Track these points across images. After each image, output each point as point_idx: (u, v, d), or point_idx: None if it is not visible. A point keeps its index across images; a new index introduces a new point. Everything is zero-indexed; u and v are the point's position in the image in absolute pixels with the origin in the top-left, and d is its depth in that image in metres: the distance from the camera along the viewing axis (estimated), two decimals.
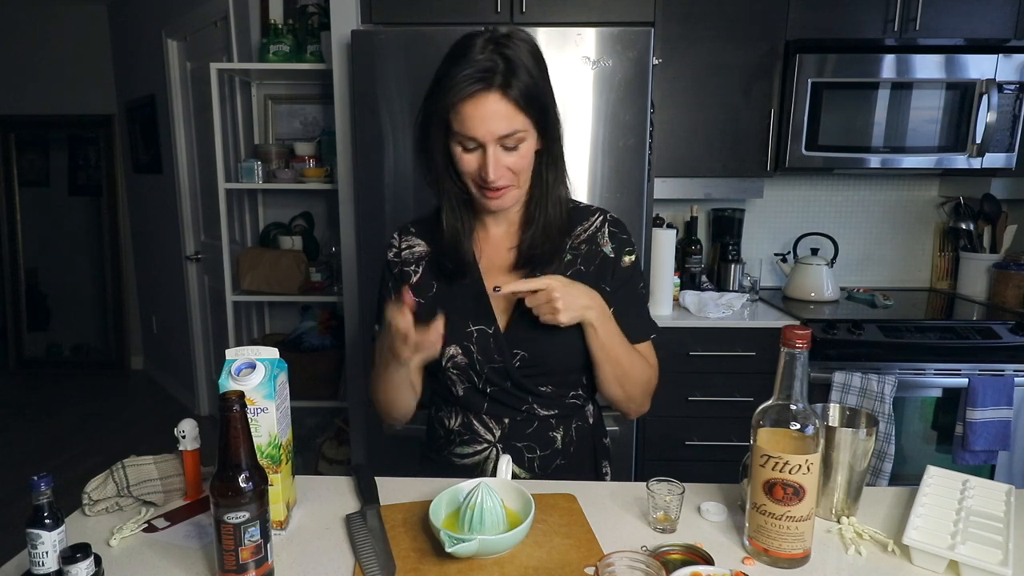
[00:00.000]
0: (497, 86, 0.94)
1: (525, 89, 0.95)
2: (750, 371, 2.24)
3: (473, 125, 0.96)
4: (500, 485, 0.93)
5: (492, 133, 0.96)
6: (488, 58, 0.94)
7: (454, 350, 1.09)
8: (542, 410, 1.12)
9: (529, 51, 0.97)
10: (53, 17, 4.29)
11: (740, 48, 2.30)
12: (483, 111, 0.95)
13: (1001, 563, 0.81)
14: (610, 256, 1.12)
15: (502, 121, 0.96)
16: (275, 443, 0.91)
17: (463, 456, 1.15)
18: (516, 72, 0.94)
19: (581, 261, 1.11)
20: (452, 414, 1.16)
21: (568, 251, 1.11)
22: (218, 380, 0.90)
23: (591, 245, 1.12)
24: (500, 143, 0.97)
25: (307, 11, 2.71)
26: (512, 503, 0.92)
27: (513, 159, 0.99)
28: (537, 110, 0.98)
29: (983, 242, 2.59)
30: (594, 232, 1.13)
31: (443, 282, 1.12)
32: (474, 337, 1.08)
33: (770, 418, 0.86)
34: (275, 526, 0.91)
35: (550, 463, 1.14)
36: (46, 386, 4.36)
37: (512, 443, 1.13)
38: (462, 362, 1.09)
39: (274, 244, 2.85)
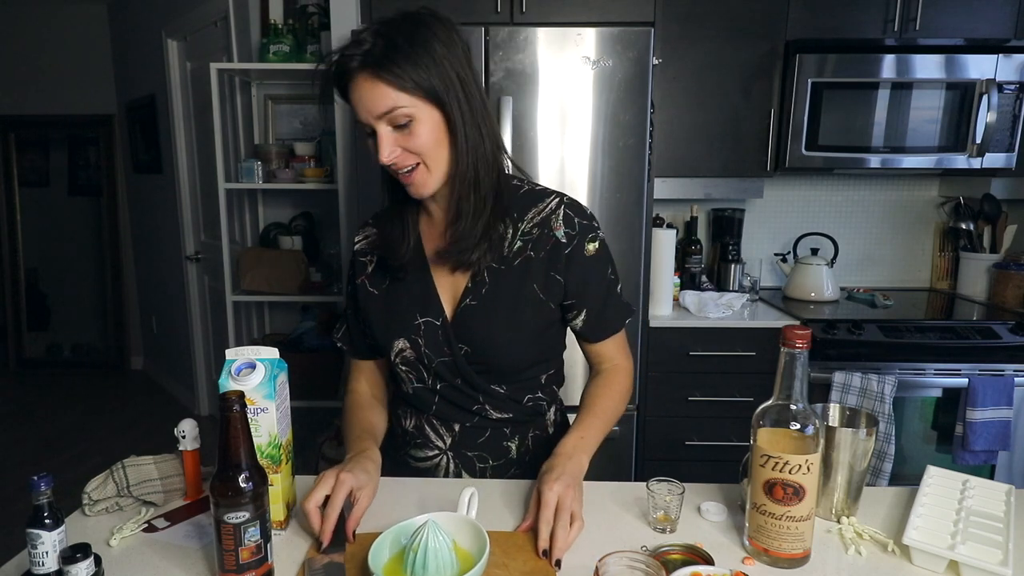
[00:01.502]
0: (369, 65, 0.90)
1: (401, 68, 0.89)
2: (750, 371, 2.24)
3: (355, 106, 0.94)
4: (454, 522, 0.83)
5: (371, 112, 0.92)
6: (368, 38, 0.91)
7: (402, 343, 1.06)
8: (495, 412, 1.09)
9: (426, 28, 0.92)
10: (53, 17, 4.29)
11: (740, 48, 2.30)
12: (359, 92, 0.92)
13: (1001, 563, 0.81)
14: (562, 241, 1.03)
15: (377, 100, 0.91)
16: (275, 443, 0.91)
17: (417, 459, 1.14)
18: (391, 52, 0.90)
19: (532, 247, 1.04)
20: (408, 413, 1.15)
21: (518, 237, 1.04)
22: (218, 380, 0.90)
23: (543, 229, 1.04)
24: (387, 122, 0.93)
25: (307, 11, 2.71)
26: (467, 542, 0.82)
27: (407, 139, 0.94)
28: (422, 88, 0.91)
29: (983, 242, 2.59)
30: (548, 215, 1.04)
31: (392, 274, 1.09)
32: (421, 329, 1.05)
33: (770, 418, 0.86)
34: (275, 526, 0.91)
35: (503, 473, 1.12)
36: (46, 386, 4.36)
37: (463, 451, 1.11)
38: (410, 356, 1.06)
39: (274, 244, 2.85)
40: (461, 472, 1.12)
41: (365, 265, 1.13)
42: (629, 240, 2.10)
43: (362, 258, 1.14)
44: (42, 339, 4.66)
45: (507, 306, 1.03)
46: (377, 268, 1.12)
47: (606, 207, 2.08)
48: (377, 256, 1.12)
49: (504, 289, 1.04)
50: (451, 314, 1.06)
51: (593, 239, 1.06)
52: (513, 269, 1.04)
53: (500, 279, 1.04)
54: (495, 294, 1.03)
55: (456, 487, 0.88)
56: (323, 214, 2.96)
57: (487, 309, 1.03)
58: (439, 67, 0.92)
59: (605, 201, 2.07)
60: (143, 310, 4.57)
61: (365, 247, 1.14)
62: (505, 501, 1.01)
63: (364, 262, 1.13)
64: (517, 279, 1.04)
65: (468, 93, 0.95)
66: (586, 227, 1.05)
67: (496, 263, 1.04)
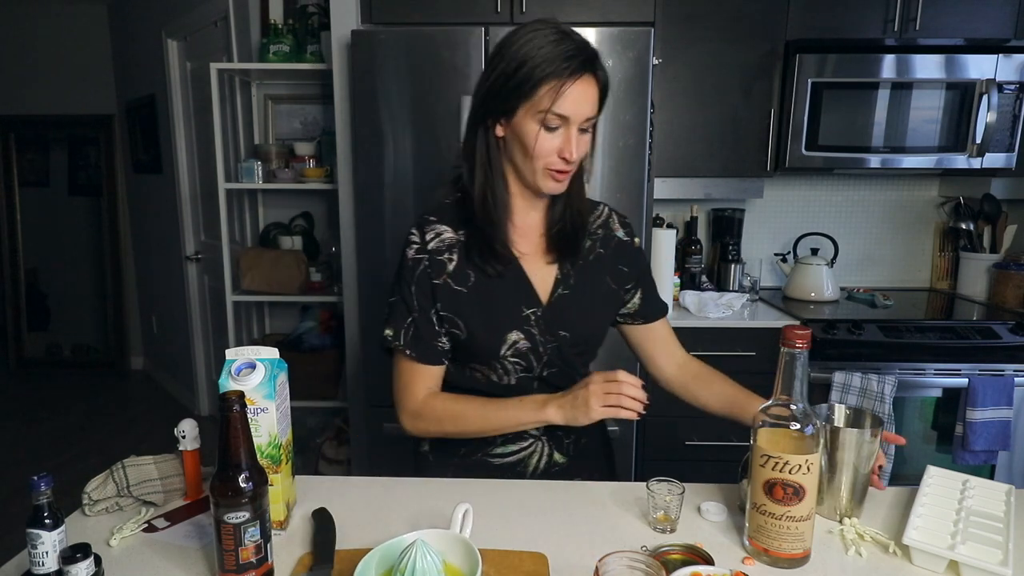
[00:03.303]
0: (593, 70, 1.00)
1: (607, 78, 1.02)
2: (750, 371, 2.24)
3: (570, 104, 0.98)
4: (445, 540, 0.80)
5: (583, 114, 1.00)
6: (581, 43, 0.99)
7: (516, 335, 1.10)
8: None
9: None
10: (53, 17, 4.29)
11: (740, 48, 2.30)
12: (582, 92, 0.99)
13: (1001, 563, 0.81)
14: (624, 240, 1.21)
15: (591, 104, 1.01)
16: (275, 443, 0.91)
17: (505, 455, 1.16)
18: (600, 60, 1.01)
19: (600, 245, 1.18)
20: None
21: (588, 237, 1.17)
22: (218, 380, 0.90)
23: (606, 230, 1.20)
24: (581, 125, 1.02)
25: (307, 11, 2.71)
26: (459, 560, 0.79)
27: (584, 143, 1.04)
28: (604, 100, 1.04)
29: (983, 242, 2.59)
30: (607, 219, 1.21)
31: (479, 270, 1.10)
32: (532, 319, 1.11)
33: (770, 418, 0.86)
34: (275, 526, 0.91)
35: (579, 443, 1.19)
36: (46, 386, 4.36)
37: (555, 432, 1.16)
38: (524, 347, 1.10)
39: (274, 244, 2.85)
40: (553, 452, 1.17)
41: (445, 264, 1.10)
42: None
43: (439, 257, 1.10)
44: (42, 339, 4.65)
45: (592, 294, 1.16)
46: (459, 266, 1.10)
47: None
48: (458, 255, 1.10)
49: (587, 280, 1.16)
50: (546, 303, 1.12)
51: (636, 236, 1.25)
52: (589, 264, 1.17)
53: (582, 272, 1.15)
54: (581, 284, 1.15)
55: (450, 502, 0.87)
56: (323, 214, 2.96)
57: (578, 297, 1.14)
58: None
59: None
60: (143, 310, 4.57)
61: (441, 246, 1.10)
62: (501, 518, 0.99)
63: (443, 261, 1.10)
64: (595, 272, 1.17)
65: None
66: (631, 227, 1.25)
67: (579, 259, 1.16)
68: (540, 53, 0.97)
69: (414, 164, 2.10)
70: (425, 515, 0.99)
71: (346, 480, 1.11)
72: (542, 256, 1.14)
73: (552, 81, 0.97)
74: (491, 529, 0.95)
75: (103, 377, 4.53)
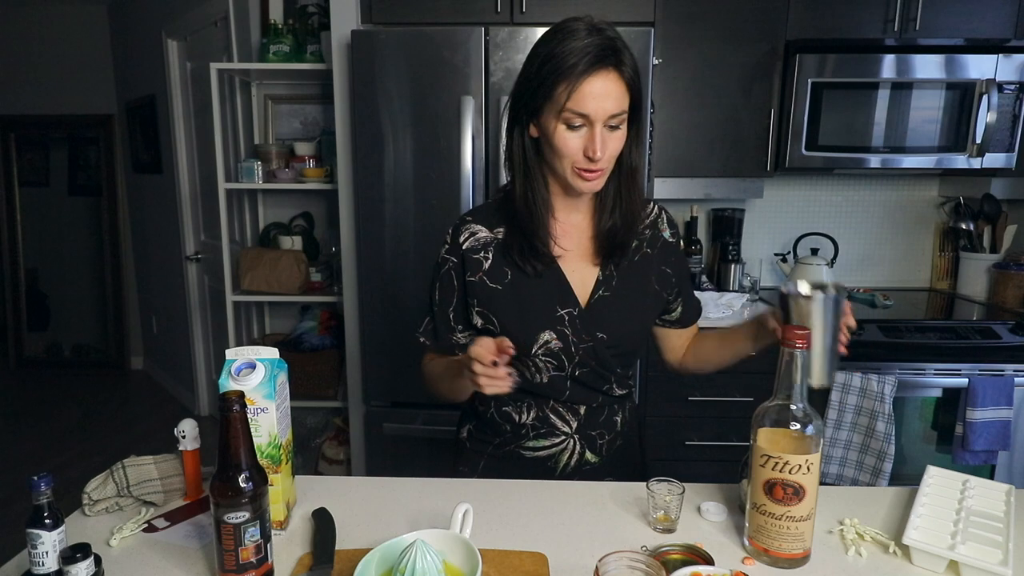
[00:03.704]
0: (614, 65, 0.97)
1: (633, 71, 0.99)
2: (750, 371, 2.23)
3: (587, 102, 0.96)
4: (445, 540, 0.80)
5: (604, 111, 0.97)
6: (604, 38, 0.97)
7: (548, 335, 1.10)
8: (618, 389, 1.18)
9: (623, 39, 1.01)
10: (53, 17, 4.29)
11: (740, 48, 2.30)
12: (601, 88, 0.96)
13: (1001, 563, 0.81)
14: (670, 241, 1.19)
15: (614, 100, 0.98)
16: (275, 443, 0.91)
17: (537, 449, 1.17)
18: (625, 54, 0.98)
19: (647, 245, 1.17)
20: (523, 408, 1.16)
21: (635, 237, 1.15)
22: (218, 380, 0.90)
23: (653, 230, 1.18)
24: (606, 123, 0.99)
25: (307, 11, 2.71)
26: (459, 560, 0.79)
27: (613, 140, 1.01)
28: (637, 94, 1.01)
29: (983, 242, 2.59)
30: (655, 219, 1.19)
31: (517, 268, 1.11)
32: (565, 320, 1.10)
33: (770, 418, 0.86)
34: (275, 526, 0.91)
35: (614, 445, 1.20)
36: (46, 386, 4.36)
37: (588, 431, 1.17)
38: (556, 347, 1.10)
39: (274, 244, 2.85)
40: (585, 451, 1.17)
41: (480, 262, 1.12)
42: None
43: (475, 255, 1.12)
44: (42, 339, 4.65)
45: (635, 296, 1.14)
46: (495, 264, 1.12)
47: None
48: (493, 253, 1.12)
49: (631, 281, 1.14)
50: (585, 304, 1.12)
51: (680, 240, 1.22)
52: (634, 264, 1.15)
53: (626, 273, 1.14)
54: (624, 286, 1.13)
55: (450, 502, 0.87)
56: (323, 214, 2.96)
57: (620, 299, 1.12)
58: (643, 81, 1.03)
59: None
60: (143, 310, 4.57)
61: (476, 245, 1.13)
62: (501, 518, 0.99)
63: (478, 259, 1.12)
64: (639, 273, 1.15)
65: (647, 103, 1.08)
66: (677, 229, 1.22)
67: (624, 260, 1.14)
68: (558, 51, 0.97)
69: (414, 164, 2.10)
70: (425, 515, 0.99)
71: (346, 480, 1.11)
72: (586, 257, 1.13)
73: (566, 78, 0.96)
74: (491, 529, 0.95)
75: (103, 377, 4.53)
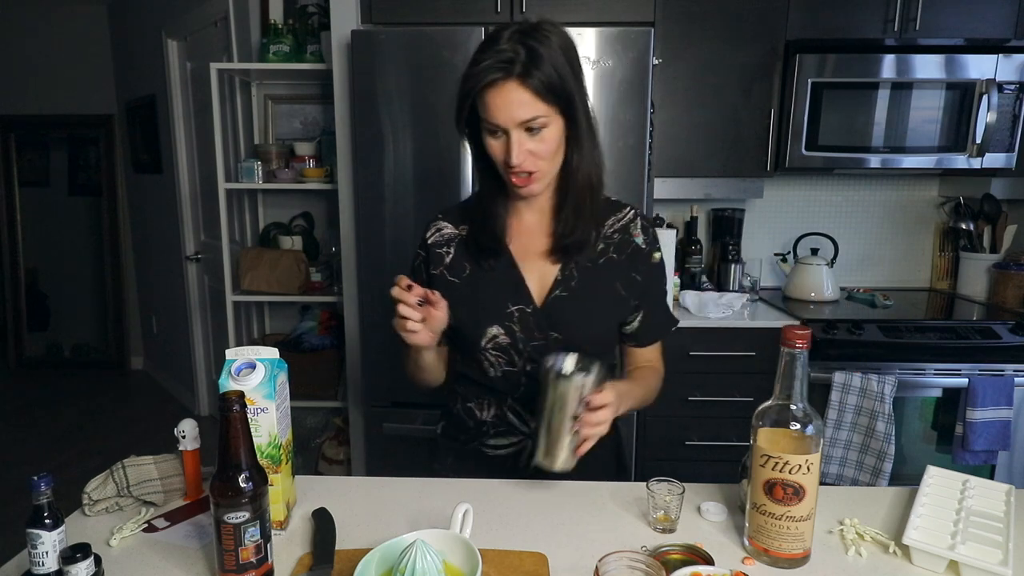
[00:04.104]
0: (516, 75, 0.97)
1: (546, 78, 0.98)
2: (750, 371, 2.24)
3: (495, 112, 1.00)
4: (445, 540, 0.80)
5: (513, 119, 0.99)
6: (511, 48, 0.98)
7: (496, 330, 1.12)
8: None
9: (556, 41, 1.00)
10: (53, 17, 4.29)
11: (740, 48, 2.30)
12: (503, 99, 0.98)
13: (1001, 563, 0.81)
14: (641, 247, 1.16)
15: (522, 108, 0.99)
16: (275, 443, 0.91)
17: (496, 448, 1.18)
18: (537, 61, 0.97)
19: (613, 250, 1.15)
20: (484, 405, 1.18)
21: (601, 240, 1.15)
22: (218, 380, 0.90)
23: (623, 235, 1.16)
24: (523, 128, 1.00)
25: (307, 11, 2.71)
26: (459, 560, 0.79)
27: (536, 144, 1.02)
28: (560, 97, 1.00)
29: (983, 242, 2.59)
30: (627, 223, 1.17)
31: (476, 264, 1.15)
32: (515, 316, 1.12)
33: (770, 418, 0.86)
34: (275, 526, 0.91)
35: None
36: (46, 386, 4.36)
37: None
38: (504, 342, 1.12)
39: (274, 244, 2.85)
40: None
41: (442, 257, 1.17)
42: None
43: (438, 250, 1.17)
44: (42, 339, 4.65)
45: (594, 298, 1.13)
46: (456, 259, 1.16)
47: None
48: (455, 249, 1.17)
49: (592, 284, 1.13)
50: (540, 303, 1.13)
51: (658, 250, 1.18)
52: (599, 267, 1.14)
53: (588, 275, 1.13)
54: (584, 287, 1.13)
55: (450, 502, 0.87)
56: (323, 214, 2.96)
57: (577, 300, 1.12)
58: (574, 79, 1.02)
59: None
60: (143, 310, 4.57)
61: (440, 240, 1.18)
62: (501, 518, 0.99)
63: (441, 254, 1.17)
64: (603, 276, 1.14)
65: (586, 103, 1.05)
66: (655, 238, 1.19)
67: (586, 261, 1.14)
68: (470, 66, 1.00)
69: (414, 164, 2.10)
70: (425, 515, 0.99)
71: (346, 480, 1.11)
72: (544, 256, 1.14)
73: (473, 93, 1.00)
74: (491, 529, 0.95)
75: (103, 377, 4.53)
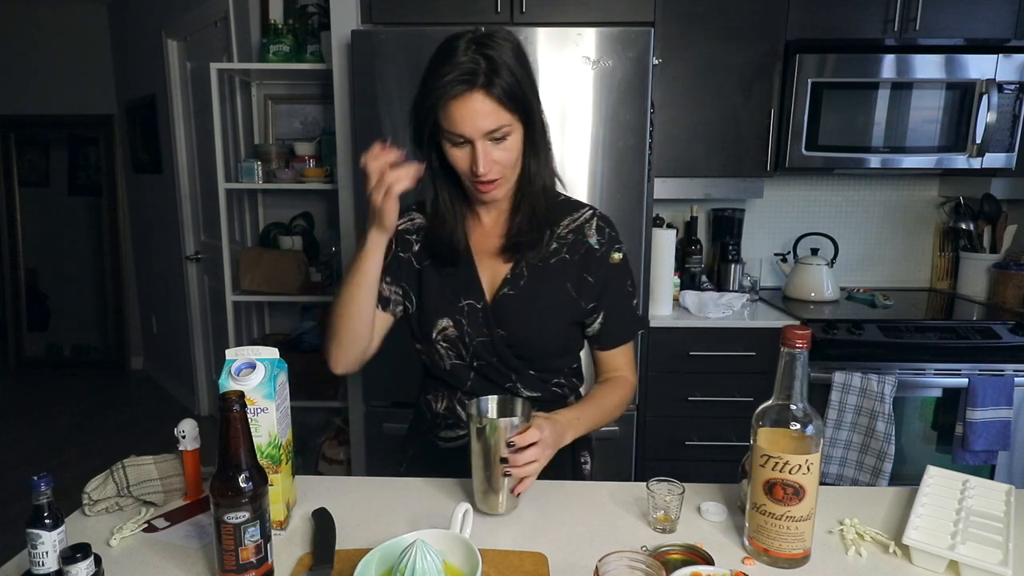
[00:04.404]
0: (480, 86, 0.97)
1: (508, 87, 0.99)
2: (750, 371, 2.24)
3: (460, 123, 0.99)
4: (445, 540, 0.80)
5: (479, 130, 1.00)
6: (471, 59, 0.97)
7: (446, 322, 1.14)
8: (525, 390, 1.15)
9: (511, 49, 1.00)
10: (53, 17, 4.29)
11: (740, 48, 2.30)
12: (469, 110, 0.98)
13: (1001, 563, 0.81)
14: (595, 247, 1.14)
15: (487, 118, 0.99)
16: (275, 443, 0.91)
17: (448, 440, 1.20)
18: (498, 71, 0.98)
19: (567, 250, 1.14)
20: (439, 397, 1.20)
21: (555, 239, 1.14)
22: (218, 380, 0.90)
23: (577, 235, 1.15)
24: (488, 137, 1.01)
25: (307, 11, 2.71)
26: (459, 561, 0.79)
27: (500, 152, 1.03)
28: (520, 106, 1.01)
29: (983, 242, 2.59)
30: (582, 223, 1.16)
31: (435, 257, 1.17)
32: (465, 311, 1.13)
33: (770, 418, 0.86)
34: (275, 526, 0.91)
35: None
36: (46, 386, 4.36)
37: None
38: (452, 334, 1.14)
39: (274, 244, 2.85)
40: None
41: (410, 243, 1.18)
42: (629, 240, 2.09)
43: (408, 236, 1.18)
44: (42, 339, 4.65)
45: (543, 299, 1.13)
46: (421, 249, 1.18)
47: (606, 207, 2.07)
48: (421, 239, 1.18)
49: (541, 284, 1.13)
50: (490, 299, 1.14)
51: (619, 250, 1.16)
52: (550, 267, 1.13)
53: (538, 275, 1.13)
54: (533, 287, 1.13)
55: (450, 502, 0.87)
56: (323, 214, 2.96)
57: (525, 299, 1.12)
58: (532, 88, 1.03)
59: (605, 201, 2.07)
60: (143, 310, 4.57)
61: (411, 227, 1.19)
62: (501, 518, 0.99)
63: (409, 240, 1.18)
64: (553, 277, 1.13)
65: (541, 110, 1.06)
66: (614, 238, 1.16)
67: (537, 261, 1.13)
68: (429, 77, 1.00)
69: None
70: (425, 515, 0.99)
71: (346, 480, 1.11)
72: (499, 254, 1.15)
73: (437, 105, 1.00)
74: (491, 529, 0.95)
75: (103, 377, 4.53)
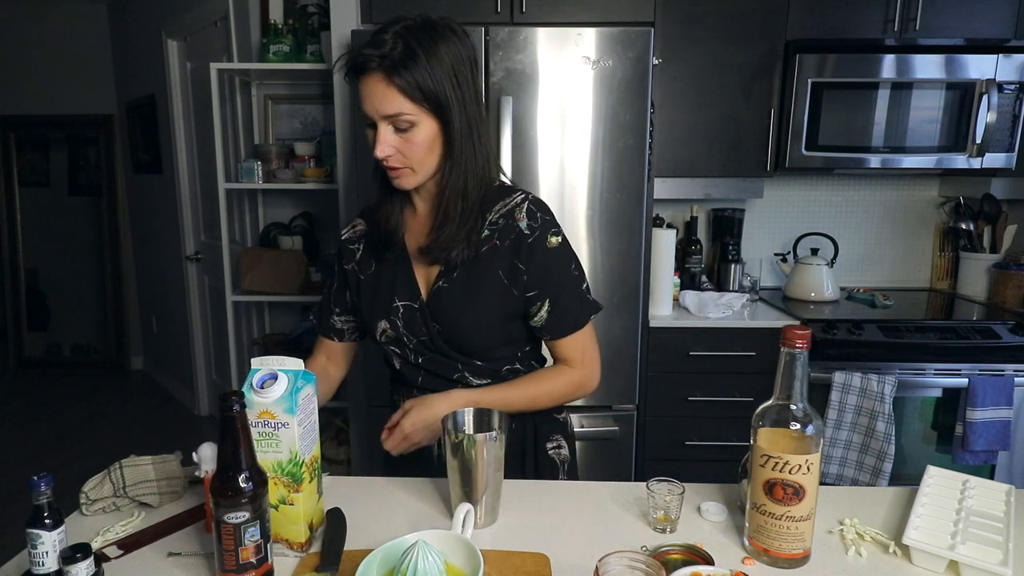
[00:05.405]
0: (382, 68, 0.97)
1: (415, 79, 0.97)
2: (750, 371, 2.24)
3: (363, 100, 1.01)
4: (447, 540, 0.79)
5: (377, 111, 1.00)
6: (391, 41, 0.97)
7: (384, 324, 1.15)
8: (475, 379, 1.14)
9: (445, 46, 0.99)
10: (53, 17, 4.29)
11: (740, 48, 2.30)
12: (369, 89, 0.99)
13: (1001, 563, 0.81)
14: (525, 233, 1.09)
15: (384, 102, 0.99)
16: (296, 460, 0.86)
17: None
18: (411, 61, 0.97)
19: (497, 235, 1.10)
20: (402, 395, 1.19)
21: (486, 227, 1.10)
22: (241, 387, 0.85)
23: (508, 220, 1.10)
24: (390, 123, 1.01)
25: (307, 11, 2.71)
26: (460, 561, 0.78)
27: (403, 142, 1.02)
28: (431, 101, 0.99)
29: (983, 242, 2.59)
30: (512, 208, 1.11)
31: (378, 260, 1.18)
32: (400, 312, 1.14)
33: (770, 418, 0.86)
34: (296, 547, 0.88)
35: None
36: (46, 386, 4.36)
37: None
38: (392, 336, 1.15)
39: (274, 244, 2.84)
40: None
41: (353, 253, 1.21)
42: (629, 240, 2.09)
43: (351, 246, 1.21)
44: (42, 339, 4.65)
45: (475, 290, 1.10)
46: (364, 256, 1.20)
47: (606, 207, 2.08)
48: (364, 245, 1.20)
49: (473, 274, 1.10)
50: (426, 296, 1.13)
51: (556, 234, 1.11)
52: (481, 256, 1.10)
53: (469, 265, 1.10)
54: (465, 278, 1.10)
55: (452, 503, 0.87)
56: (323, 214, 2.96)
57: (456, 291, 1.10)
58: (448, 81, 1.00)
59: (605, 201, 2.07)
60: (143, 310, 4.57)
61: (353, 236, 1.22)
62: (502, 518, 0.99)
63: (352, 250, 1.21)
64: (484, 266, 1.10)
65: (468, 109, 1.03)
66: (548, 222, 1.11)
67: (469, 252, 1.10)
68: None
69: None
70: (426, 516, 0.99)
71: (346, 480, 1.10)
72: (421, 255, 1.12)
73: (343, 73, 1.02)
74: (492, 530, 0.95)
75: (103, 377, 4.53)
